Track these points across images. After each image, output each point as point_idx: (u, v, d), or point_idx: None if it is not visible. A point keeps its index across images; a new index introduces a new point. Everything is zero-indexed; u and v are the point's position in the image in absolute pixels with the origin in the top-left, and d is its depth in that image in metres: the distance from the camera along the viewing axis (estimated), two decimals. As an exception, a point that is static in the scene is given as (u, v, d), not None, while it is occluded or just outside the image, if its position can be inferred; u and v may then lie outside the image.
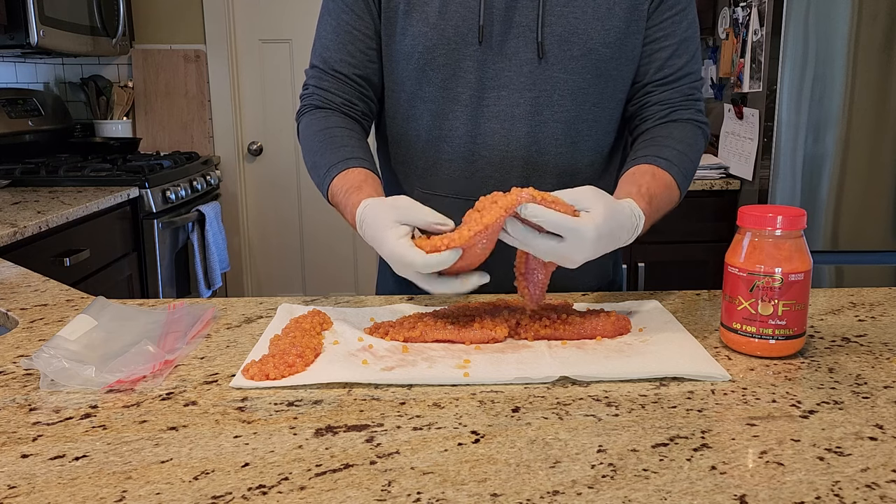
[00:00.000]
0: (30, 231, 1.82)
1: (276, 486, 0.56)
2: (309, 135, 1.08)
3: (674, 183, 1.01)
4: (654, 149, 1.03)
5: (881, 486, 0.55)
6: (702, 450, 0.61)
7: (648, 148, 1.04)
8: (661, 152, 1.02)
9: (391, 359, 0.81)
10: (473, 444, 0.62)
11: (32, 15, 2.41)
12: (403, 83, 1.09)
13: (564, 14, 1.03)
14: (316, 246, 3.62)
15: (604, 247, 0.83)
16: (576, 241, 0.80)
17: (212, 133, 3.45)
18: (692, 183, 2.57)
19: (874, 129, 2.33)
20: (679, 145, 1.04)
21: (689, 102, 1.09)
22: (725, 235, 2.56)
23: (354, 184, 0.96)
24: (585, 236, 0.80)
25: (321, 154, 1.04)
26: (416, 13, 1.04)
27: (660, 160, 1.01)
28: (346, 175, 0.98)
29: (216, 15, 3.37)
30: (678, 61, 1.08)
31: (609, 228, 0.82)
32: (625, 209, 0.87)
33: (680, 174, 1.02)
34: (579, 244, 0.80)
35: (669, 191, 1.00)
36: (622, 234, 0.86)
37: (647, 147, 1.04)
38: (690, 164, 1.05)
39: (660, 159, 1.01)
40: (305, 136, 1.09)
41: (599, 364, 0.79)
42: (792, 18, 2.28)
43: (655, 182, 0.98)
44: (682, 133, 1.06)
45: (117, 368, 0.75)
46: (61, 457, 0.61)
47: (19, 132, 2.82)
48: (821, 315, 0.97)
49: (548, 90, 1.05)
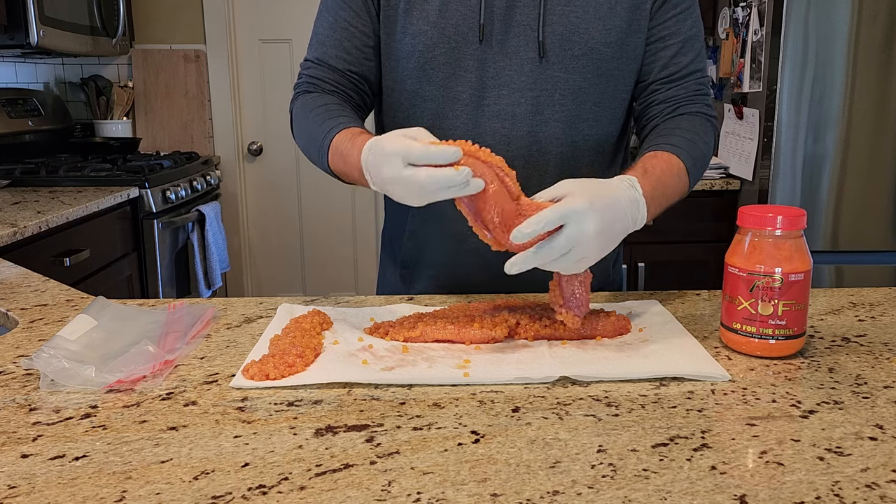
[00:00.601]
0: (30, 231, 1.82)
1: (276, 486, 0.56)
2: (304, 112, 1.06)
3: (680, 164, 0.97)
4: (660, 139, 1.02)
5: (881, 486, 0.55)
6: (702, 450, 0.61)
7: (654, 140, 1.03)
8: (667, 140, 1.01)
9: (391, 359, 0.81)
10: (473, 444, 0.62)
11: (32, 15, 2.41)
12: (403, 82, 1.08)
13: (566, 13, 1.03)
14: (316, 246, 3.62)
15: (610, 219, 0.81)
16: (576, 219, 0.78)
17: (212, 133, 3.45)
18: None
19: (874, 129, 2.33)
20: (686, 133, 1.02)
21: (695, 98, 1.08)
22: (725, 235, 2.56)
23: (357, 132, 0.94)
24: (579, 209, 0.78)
25: (317, 125, 1.01)
26: (416, 11, 1.04)
27: (664, 145, 0.99)
28: (347, 131, 0.96)
29: (216, 15, 3.37)
30: (683, 59, 1.07)
31: (601, 199, 0.80)
32: (612, 181, 0.85)
33: (688, 157, 0.99)
34: (581, 219, 0.78)
35: (674, 169, 0.96)
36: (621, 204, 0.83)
37: (652, 139, 1.03)
38: (699, 151, 1.02)
39: (664, 144, 0.99)
40: (298, 117, 1.07)
41: (599, 364, 0.79)
42: (792, 18, 2.28)
43: (656, 160, 0.95)
44: (689, 123, 1.05)
45: (117, 368, 0.75)
46: (61, 457, 0.61)
47: (19, 132, 2.82)
48: (821, 315, 0.97)
49: (548, 89, 1.05)
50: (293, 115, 1.10)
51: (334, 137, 0.97)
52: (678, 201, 1.00)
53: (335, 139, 0.97)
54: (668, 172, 0.95)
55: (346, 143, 0.94)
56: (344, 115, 1.02)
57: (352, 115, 1.03)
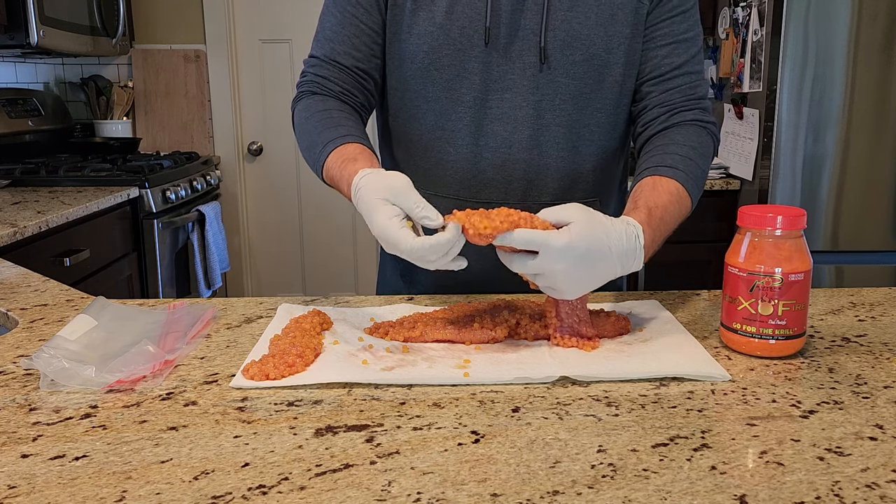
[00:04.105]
0: (30, 231, 1.82)
1: (276, 486, 0.56)
2: (303, 118, 1.05)
3: (681, 189, 0.96)
4: (657, 158, 1.00)
5: (881, 486, 0.55)
6: (702, 450, 0.61)
7: (651, 159, 1.01)
8: (663, 160, 0.99)
9: (391, 359, 0.81)
10: (473, 444, 0.62)
11: (32, 15, 2.41)
12: (408, 82, 1.08)
13: (568, 19, 1.03)
14: (316, 246, 3.62)
15: (591, 265, 0.79)
16: (548, 254, 0.77)
17: (212, 133, 3.45)
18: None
19: (874, 129, 2.33)
20: (682, 150, 1.00)
21: (691, 103, 1.06)
22: (725, 235, 2.56)
23: (350, 156, 0.94)
24: (555, 246, 0.77)
25: (317, 133, 1.01)
26: (422, 12, 1.04)
27: (662, 168, 0.97)
28: (342, 149, 0.96)
29: (216, 15, 3.37)
30: (675, 60, 1.06)
31: (588, 243, 0.78)
32: (613, 223, 0.83)
33: (688, 179, 0.97)
34: (552, 256, 0.77)
35: (675, 198, 0.95)
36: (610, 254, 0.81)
37: (649, 159, 1.01)
38: (697, 168, 1.00)
39: (662, 167, 0.98)
40: (300, 120, 1.07)
41: (599, 364, 0.79)
42: (792, 18, 2.28)
43: (656, 193, 0.93)
44: (685, 137, 1.03)
45: (117, 368, 0.75)
46: (61, 457, 0.61)
47: (19, 132, 2.82)
48: (821, 315, 0.97)
49: (550, 94, 1.05)
50: (295, 117, 1.09)
51: (330, 154, 0.97)
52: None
53: (329, 158, 0.97)
54: (671, 208, 0.93)
55: (337, 169, 0.95)
56: (343, 124, 1.01)
57: (353, 122, 1.03)
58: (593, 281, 0.82)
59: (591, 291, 0.84)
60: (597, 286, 0.83)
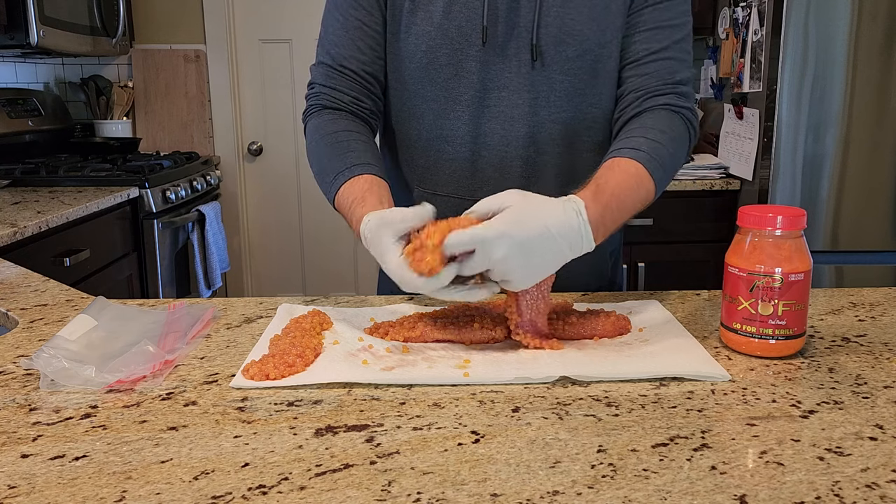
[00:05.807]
0: (30, 231, 1.82)
1: (276, 486, 0.56)
2: (316, 139, 1.05)
3: (640, 169, 0.92)
4: (621, 142, 0.97)
5: (881, 486, 0.55)
6: (702, 450, 0.61)
7: (615, 143, 0.98)
8: (627, 143, 0.95)
9: (391, 359, 0.81)
10: (473, 444, 0.62)
11: (32, 15, 2.41)
12: (406, 82, 1.08)
13: (560, 15, 1.03)
14: (316, 246, 3.62)
15: (532, 247, 0.77)
16: (484, 246, 0.75)
17: (212, 133, 3.45)
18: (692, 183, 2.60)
19: (874, 129, 2.33)
20: (649, 133, 0.97)
21: (666, 87, 1.03)
22: (725, 235, 2.56)
23: (359, 195, 0.93)
24: (487, 237, 0.75)
25: (328, 159, 1.01)
26: (420, 12, 1.04)
27: (624, 150, 0.94)
28: (351, 184, 0.95)
29: (216, 15, 3.37)
30: (653, 45, 1.04)
31: (522, 227, 0.76)
32: (549, 202, 0.80)
33: (650, 160, 0.93)
34: (488, 247, 0.75)
35: (633, 178, 0.91)
36: (549, 233, 0.78)
37: (614, 143, 0.98)
38: (664, 150, 0.95)
39: (625, 150, 0.94)
40: (312, 141, 1.06)
41: (599, 364, 0.79)
42: (792, 18, 2.28)
43: (611, 172, 0.90)
44: (654, 121, 1.00)
45: (117, 368, 0.75)
46: (61, 457, 0.61)
47: (19, 132, 2.82)
48: (821, 315, 0.97)
49: (545, 91, 1.05)
50: (307, 136, 1.08)
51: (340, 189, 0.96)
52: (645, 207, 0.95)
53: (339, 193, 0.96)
54: (625, 185, 0.90)
55: (346, 209, 0.94)
56: (353, 149, 1.00)
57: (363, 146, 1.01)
58: (543, 265, 0.79)
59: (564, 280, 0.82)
60: (551, 271, 0.81)
